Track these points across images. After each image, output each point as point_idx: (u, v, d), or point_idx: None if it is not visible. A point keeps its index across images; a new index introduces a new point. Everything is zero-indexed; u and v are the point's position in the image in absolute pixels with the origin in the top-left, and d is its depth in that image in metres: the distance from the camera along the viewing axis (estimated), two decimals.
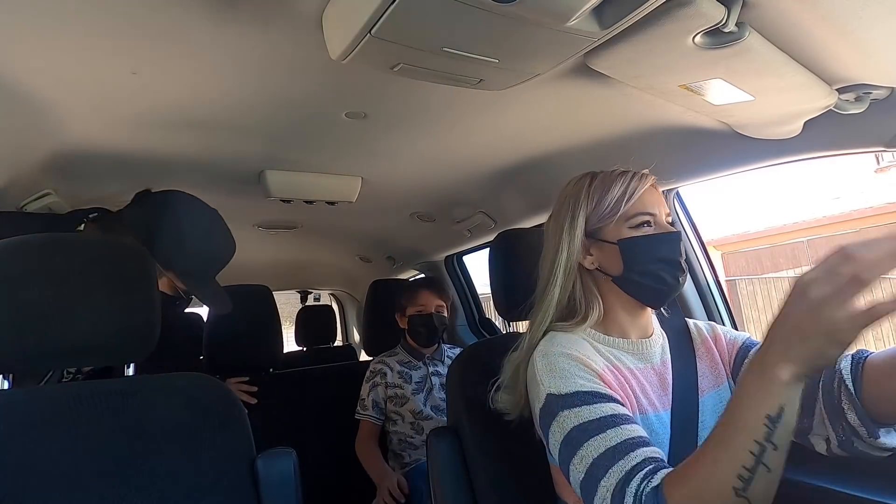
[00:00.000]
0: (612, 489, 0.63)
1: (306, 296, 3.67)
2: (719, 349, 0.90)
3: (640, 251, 0.82)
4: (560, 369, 0.75)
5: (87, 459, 0.83)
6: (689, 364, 0.87)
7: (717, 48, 0.73)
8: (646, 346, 0.86)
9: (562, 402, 0.72)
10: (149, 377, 0.96)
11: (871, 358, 0.72)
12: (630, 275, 0.82)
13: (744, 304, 7.91)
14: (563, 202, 0.90)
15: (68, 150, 1.18)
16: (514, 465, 0.98)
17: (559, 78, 0.95)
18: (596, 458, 0.66)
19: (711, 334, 0.92)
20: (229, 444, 0.92)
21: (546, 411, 0.74)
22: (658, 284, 0.82)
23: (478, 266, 2.61)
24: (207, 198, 1.69)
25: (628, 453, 0.65)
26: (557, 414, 0.71)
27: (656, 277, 0.81)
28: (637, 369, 0.83)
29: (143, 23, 0.76)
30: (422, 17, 0.65)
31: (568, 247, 0.85)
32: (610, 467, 0.64)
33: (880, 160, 7.63)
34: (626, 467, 0.63)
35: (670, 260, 0.82)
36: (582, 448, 0.67)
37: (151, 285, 0.92)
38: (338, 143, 1.31)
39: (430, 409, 1.79)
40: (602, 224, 0.84)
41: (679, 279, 0.83)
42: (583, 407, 0.70)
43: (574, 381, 0.73)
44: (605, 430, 0.67)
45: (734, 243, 8.68)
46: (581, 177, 0.90)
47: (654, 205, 0.84)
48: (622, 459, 0.64)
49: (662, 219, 0.84)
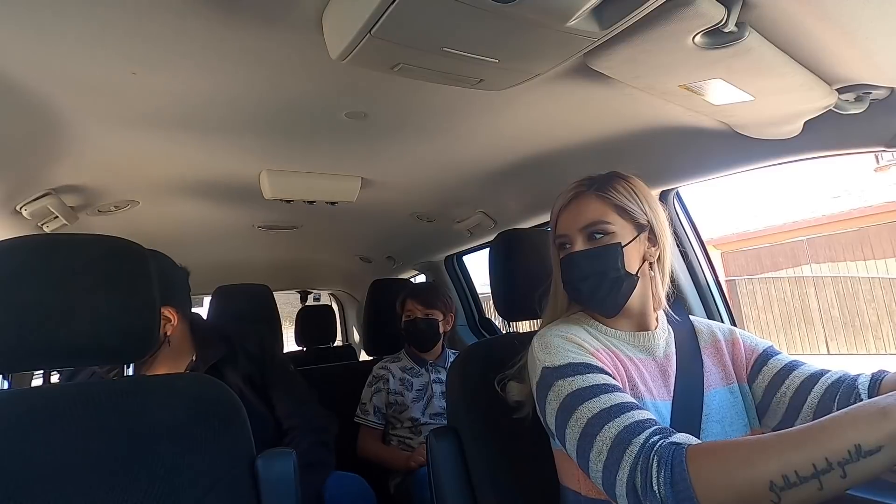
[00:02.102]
0: (609, 441, 0.65)
1: (306, 296, 3.66)
2: (735, 353, 0.91)
3: (561, 272, 0.90)
4: (554, 346, 0.80)
5: (86, 460, 0.83)
6: (694, 360, 0.88)
7: (717, 48, 0.73)
8: (647, 339, 0.87)
9: (556, 374, 0.76)
10: (149, 377, 0.96)
11: (888, 378, 0.75)
12: (568, 290, 0.89)
13: (743, 304, 7.92)
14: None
15: (68, 150, 1.18)
16: (514, 464, 0.98)
17: (559, 78, 0.95)
18: (590, 417, 0.69)
19: (729, 338, 0.93)
20: (229, 444, 0.92)
21: (542, 384, 0.78)
22: (582, 299, 0.88)
23: (478, 266, 2.61)
24: (208, 198, 1.70)
25: (623, 413, 0.67)
26: (552, 385, 0.75)
27: (578, 293, 0.88)
28: (637, 358, 0.85)
29: (143, 23, 0.76)
30: (422, 17, 0.65)
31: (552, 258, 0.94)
32: (605, 424, 0.67)
33: (880, 159, 7.62)
34: (624, 423, 0.66)
35: (576, 279, 0.87)
36: (576, 412, 0.71)
37: (151, 285, 0.92)
38: (338, 143, 1.30)
39: (428, 417, 1.79)
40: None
41: (595, 293, 0.85)
42: (576, 376, 0.74)
43: (567, 355, 0.77)
44: (598, 395, 0.71)
45: (734, 242, 8.69)
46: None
47: (568, 226, 0.88)
48: (617, 417, 0.67)
49: (576, 237, 0.87)
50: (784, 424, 0.83)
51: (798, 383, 0.82)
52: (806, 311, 7.46)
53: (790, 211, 8.85)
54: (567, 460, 0.81)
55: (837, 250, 7.56)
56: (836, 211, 7.86)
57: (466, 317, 2.58)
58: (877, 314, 6.82)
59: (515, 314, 1.14)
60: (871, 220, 7.29)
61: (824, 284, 7.35)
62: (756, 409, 0.87)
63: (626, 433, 0.65)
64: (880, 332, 6.80)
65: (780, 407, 0.84)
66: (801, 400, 0.81)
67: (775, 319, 7.73)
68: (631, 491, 0.62)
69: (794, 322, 7.55)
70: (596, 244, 0.85)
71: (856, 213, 7.52)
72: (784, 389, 0.83)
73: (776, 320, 7.71)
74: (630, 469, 0.62)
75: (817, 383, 0.81)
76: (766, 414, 0.86)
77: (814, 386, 0.81)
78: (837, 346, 7.13)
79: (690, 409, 0.82)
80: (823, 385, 0.80)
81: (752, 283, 8.03)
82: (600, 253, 0.85)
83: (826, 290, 7.31)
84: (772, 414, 0.85)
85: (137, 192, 1.55)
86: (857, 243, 7.33)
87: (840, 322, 7.14)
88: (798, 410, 0.81)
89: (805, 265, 7.82)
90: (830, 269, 7.52)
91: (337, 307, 3.80)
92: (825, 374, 0.82)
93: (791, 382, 0.83)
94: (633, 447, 0.63)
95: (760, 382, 0.87)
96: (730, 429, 0.83)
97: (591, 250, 0.85)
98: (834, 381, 0.80)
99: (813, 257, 7.79)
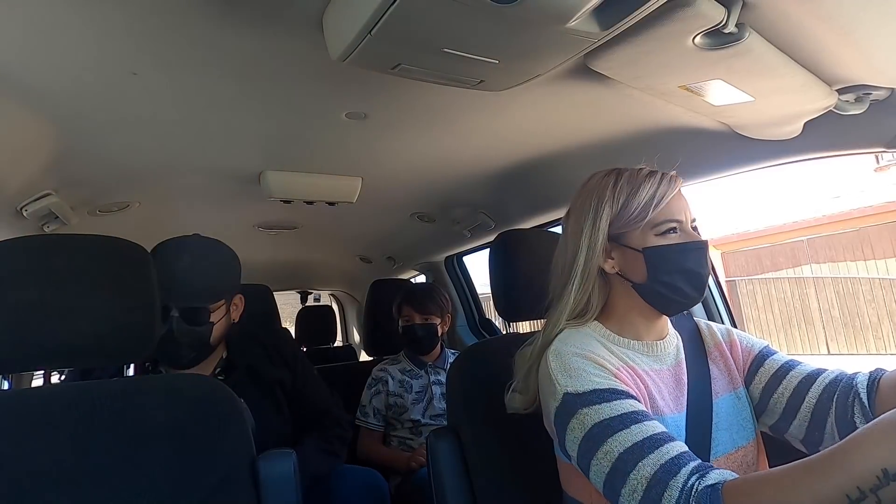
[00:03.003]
0: (645, 481, 0.62)
1: (306, 296, 3.66)
2: (734, 355, 0.89)
3: (665, 261, 0.79)
4: (575, 368, 0.74)
5: (86, 460, 0.83)
6: (702, 366, 0.86)
7: (717, 49, 0.73)
8: (661, 348, 0.84)
9: (580, 401, 0.71)
10: (149, 377, 0.96)
11: (886, 376, 0.74)
12: (653, 284, 0.80)
13: (743, 304, 7.92)
14: (584, 200, 0.85)
15: (68, 150, 1.18)
16: (514, 464, 0.98)
17: (559, 79, 0.95)
18: (622, 452, 0.65)
19: (727, 339, 0.91)
20: (229, 444, 0.91)
21: (564, 410, 0.72)
22: (679, 297, 0.80)
23: (478, 266, 2.61)
24: (208, 198, 1.70)
25: (658, 447, 0.64)
26: (577, 412, 0.70)
27: (678, 290, 0.79)
28: (652, 371, 0.81)
29: (143, 23, 0.76)
30: (422, 18, 0.65)
31: (588, 250, 0.82)
32: (639, 461, 0.63)
33: (880, 159, 7.63)
34: (660, 460, 0.63)
35: (695, 272, 0.80)
36: (605, 444, 0.66)
37: (151, 285, 0.92)
38: (338, 144, 1.31)
39: (429, 419, 1.79)
40: (627, 229, 0.81)
41: (702, 291, 0.81)
42: (602, 404, 0.69)
43: (590, 380, 0.72)
44: (628, 426, 0.66)
45: (734, 242, 8.69)
46: (606, 173, 0.85)
47: (680, 211, 0.81)
48: (652, 453, 0.63)
49: (688, 225, 0.81)
50: (781, 424, 0.82)
51: (796, 383, 0.81)
52: (806, 311, 7.47)
53: (790, 211, 8.85)
54: (572, 472, 0.80)
55: (837, 250, 7.56)
56: (836, 211, 7.86)
57: (466, 317, 2.58)
58: (877, 314, 6.83)
59: (515, 315, 1.14)
60: (871, 220, 7.29)
61: (824, 285, 7.36)
62: (754, 409, 0.87)
63: (662, 473, 0.62)
64: (880, 333, 6.80)
65: (777, 407, 0.83)
66: (799, 400, 0.80)
67: (775, 320, 7.73)
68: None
69: (795, 322, 7.56)
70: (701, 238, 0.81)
71: (856, 214, 7.52)
72: (782, 390, 0.82)
73: (776, 320, 7.71)
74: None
75: (815, 383, 0.80)
76: (763, 413, 0.85)
77: (811, 385, 0.80)
78: (838, 346, 7.13)
79: (702, 420, 0.80)
80: (821, 384, 0.79)
81: (752, 284, 8.03)
82: (708, 247, 0.81)
83: (826, 290, 7.31)
84: (769, 413, 0.84)
85: (137, 192, 1.55)
86: (858, 243, 7.33)
87: (840, 322, 7.14)
88: (796, 410, 0.80)
89: (805, 265, 7.82)
90: (830, 270, 7.52)
91: (337, 307, 3.80)
92: (823, 374, 0.81)
93: (789, 382, 0.82)
94: (671, 491, 0.60)
95: (758, 383, 0.86)
96: (737, 436, 0.82)
97: (706, 244, 0.80)
98: (832, 380, 0.79)
99: (813, 257, 7.79)
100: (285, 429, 1.33)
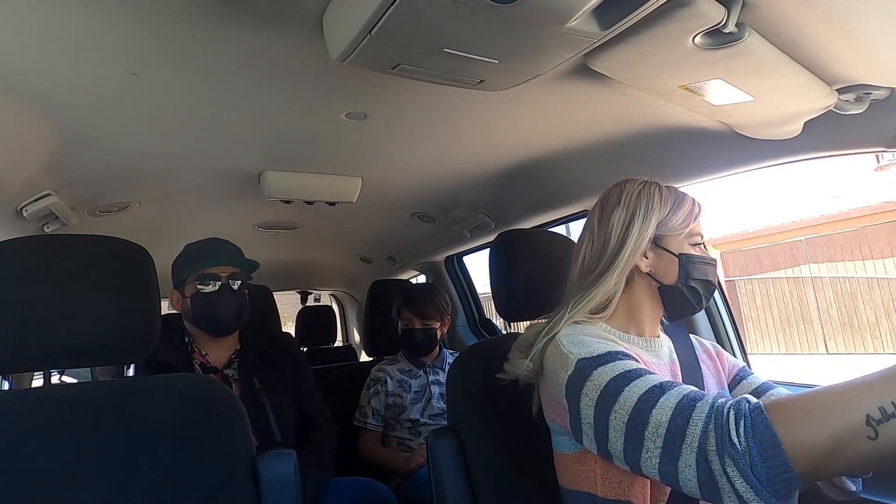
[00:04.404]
0: (669, 411, 0.62)
1: (306, 296, 3.66)
2: (721, 363, 0.97)
3: (695, 269, 0.87)
4: (587, 342, 0.77)
5: (86, 460, 0.83)
6: (695, 366, 0.91)
7: (717, 49, 0.73)
8: (657, 345, 0.90)
9: (594, 362, 0.72)
10: (149, 377, 0.96)
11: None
12: (681, 287, 0.87)
13: (742, 304, 7.93)
14: (631, 199, 0.88)
15: (69, 150, 1.18)
16: (514, 464, 0.98)
17: (559, 78, 0.95)
18: (641, 395, 0.65)
19: (714, 350, 0.99)
20: (229, 444, 0.91)
21: (577, 375, 0.73)
22: (695, 302, 0.88)
23: (478, 266, 2.61)
24: (208, 198, 1.70)
25: (675, 387, 0.64)
26: (590, 375, 0.71)
27: (698, 295, 0.88)
28: (652, 364, 0.85)
29: (143, 23, 0.76)
30: (422, 18, 0.65)
31: (633, 245, 0.85)
32: (659, 397, 0.64)
33: (880, 159, 7.64)
34: (682, 392, 0.63)
35: (712, 283, 0.89)
36: (622, 393, 0.67)
37: (152, 285, 0.92)
38: (338, 144, 1.31)
39: (427, 418, 1.79)
40: (670, 234, 0.88)
41: (708, 302, 0.91)
42: (616, 362, 0.71)
43: (603, 346, 0.75)
44: (643, 376, 0.68)
45: (733, 242, 8.70)
46: (643, 183, 0.90)
47: (705, 231, 0.92)
48: (671, 390, 0.64)
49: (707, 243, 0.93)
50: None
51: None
52: (805, 310, 7.48)
53: (790, 211, 8.86)
54: (576, 463, 0.80)
55: (836, 250, 7.58)
56: (835, 211, 7.87)
57: (467, 317, 2.58)
58: (875, 314, 6.84)
59: (516, 315, 1.14)
60: (869, 220, 7.30)
61: (823, 284, 7.37)
62: None
63: (687, 400, 0.61)
64: (878, 332, 6.82)
65: None
66: None
67: (774, 319, 7.75)
68: (701, 460, 0.57)
69: (793, 322, 7.57)
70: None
71: (854, 213, 7.54)
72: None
73: (775, 320, 7.73)
74: (701, 431, 0.58)
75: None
76: None
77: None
78: (836, 345, 7.14)
79: None
80: None
81: (751, 283, 8.05)
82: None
83: (825, 289, 7.33)
84: None
85: (137, 192, 1.55)
86: (856, 243, 7.35)
87: (839, 322, 7.16)
88: None
89: (804, 265, 7.84)
90: (829, 269, 7.53)
91: (337, 308, 3.79)
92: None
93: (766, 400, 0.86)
94: (699, 410, 0.59)
95: (738, 394, 0.91)
96: None
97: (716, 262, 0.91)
98: None
99: (812, 257, 7.81)
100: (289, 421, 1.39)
